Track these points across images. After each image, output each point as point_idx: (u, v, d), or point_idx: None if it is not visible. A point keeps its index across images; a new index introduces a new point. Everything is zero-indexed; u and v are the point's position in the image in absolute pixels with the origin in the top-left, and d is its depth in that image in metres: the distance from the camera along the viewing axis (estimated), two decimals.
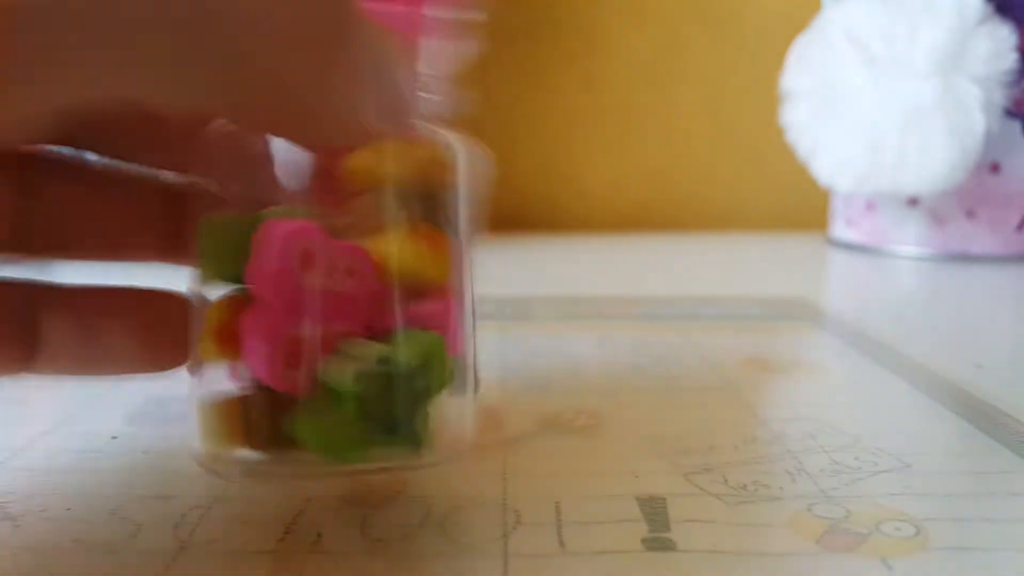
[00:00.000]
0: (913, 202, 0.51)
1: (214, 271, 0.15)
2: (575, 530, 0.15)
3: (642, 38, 0.65)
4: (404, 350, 0.14)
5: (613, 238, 0.61)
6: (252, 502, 0.17)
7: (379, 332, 0.14)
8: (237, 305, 0.14)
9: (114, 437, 0.20)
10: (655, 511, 0.16)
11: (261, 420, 0.15)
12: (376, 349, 0.14)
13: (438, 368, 0.15)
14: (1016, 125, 0.49)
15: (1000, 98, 0.46)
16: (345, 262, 0.14)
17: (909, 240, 0.52)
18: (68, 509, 0.16)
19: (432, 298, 0.15)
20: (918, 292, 0.44)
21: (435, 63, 0.15)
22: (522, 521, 0.16)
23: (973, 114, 0.45)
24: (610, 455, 0.19)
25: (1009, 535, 0.15)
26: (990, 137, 0.46)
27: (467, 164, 0.16)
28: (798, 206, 0.66)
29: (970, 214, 0.50)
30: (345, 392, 0.14)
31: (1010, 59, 0.45)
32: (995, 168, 0.49)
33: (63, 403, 0.22)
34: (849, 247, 0.55)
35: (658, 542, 0.15)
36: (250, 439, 0.15)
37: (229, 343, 0.14)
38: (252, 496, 0.17)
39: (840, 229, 0.57)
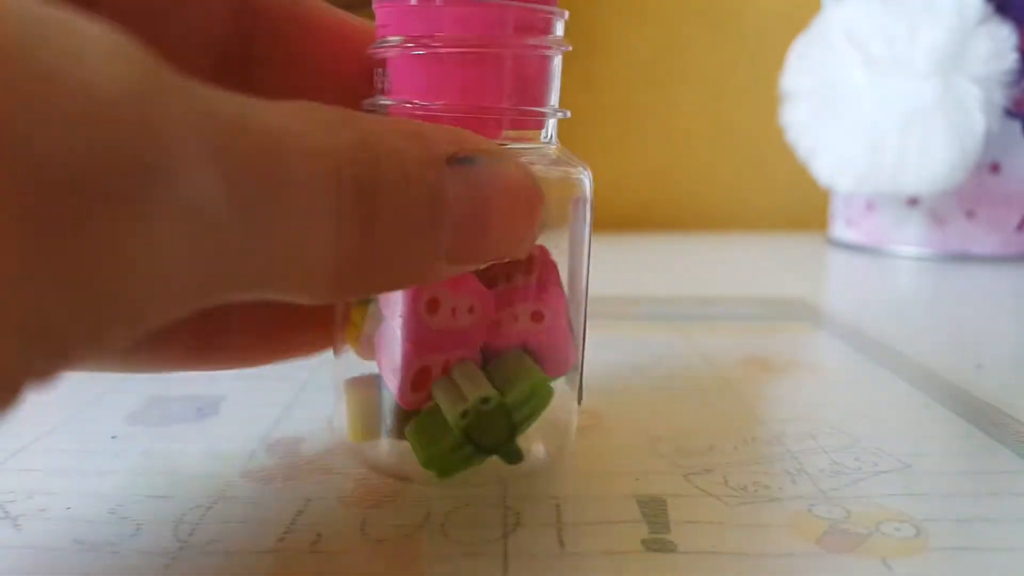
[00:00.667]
0: (913, 202, 0.51)
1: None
2: (575, 530, 0.15)
3: (642, 38, 0.65)
4: (510, 393, 0.16)
5: (613, 238, 0.61)
6: (252, 502, 0.17)
7: (492, 353, 0.17)
8: (375, 320, 0.17)
9: (114, 437, 0.20)
10: (655, 512, 0.16)
11: (391, 415, 0.17)
12: (480, 389, 0.16)
13: (539, 400, 0.16)
14: (1016, 125, 0.49)
15: (1000, 98, 0.46)
16: (468, 302, 0.16)
17: (909, 240, 0.52)
18: (68, 509, 0.16)
19: (546, 322, 0.17)
20: (918, 292, 0.44)
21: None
22: (522, 521, 0.16)
23: (973, 114, 0.45)
24: (610, 455, 0.19)
25: (1009, 535, 0.15)
26: (990, 137, 0.46)
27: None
28: (798, 206, 0.66)
29: (970, 214, 0.50)
30: (452, 423, 0.16)
31: (1010, 59, 0.45)
32: (995, 168, 0.49)
33: (63, 403, 0.22)
34: (849, 247, 0.55)
35: (658, 543, 0.15)
36: (389, 430, 0.17)
37: (367, 350, 0.17)
38: (252, 496, 0.17)
39: (840, 229, 0.57)
